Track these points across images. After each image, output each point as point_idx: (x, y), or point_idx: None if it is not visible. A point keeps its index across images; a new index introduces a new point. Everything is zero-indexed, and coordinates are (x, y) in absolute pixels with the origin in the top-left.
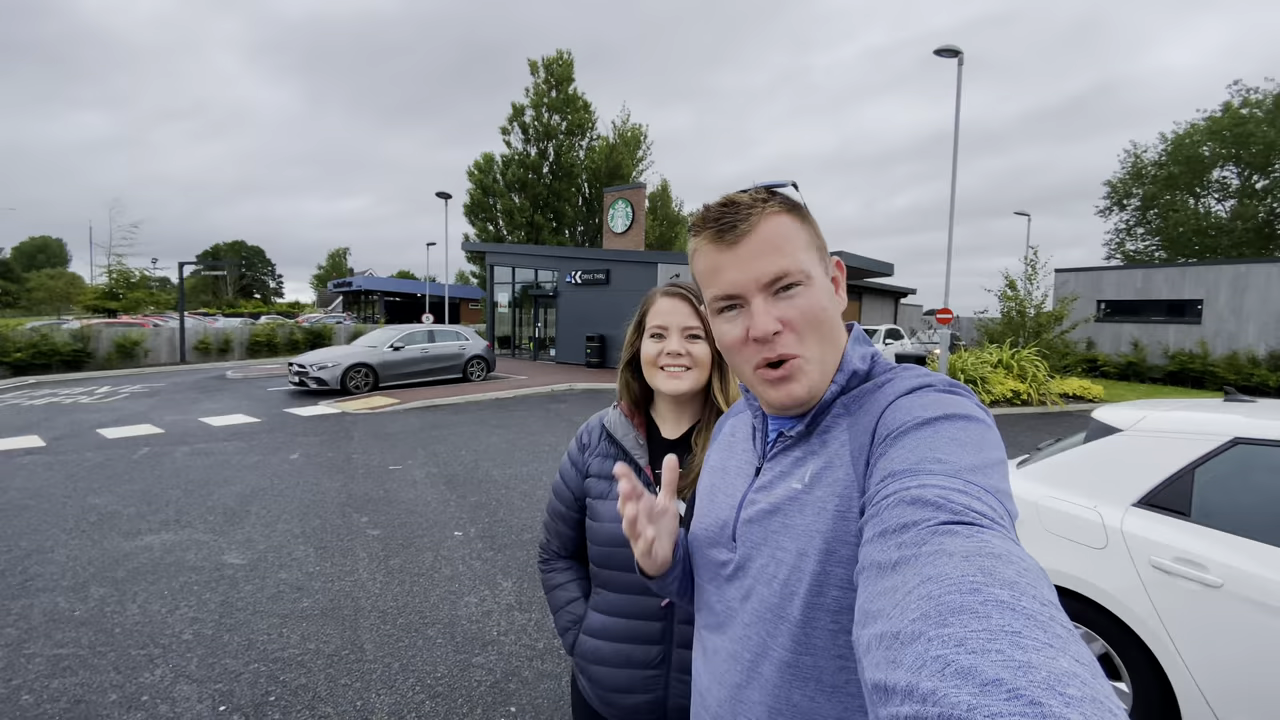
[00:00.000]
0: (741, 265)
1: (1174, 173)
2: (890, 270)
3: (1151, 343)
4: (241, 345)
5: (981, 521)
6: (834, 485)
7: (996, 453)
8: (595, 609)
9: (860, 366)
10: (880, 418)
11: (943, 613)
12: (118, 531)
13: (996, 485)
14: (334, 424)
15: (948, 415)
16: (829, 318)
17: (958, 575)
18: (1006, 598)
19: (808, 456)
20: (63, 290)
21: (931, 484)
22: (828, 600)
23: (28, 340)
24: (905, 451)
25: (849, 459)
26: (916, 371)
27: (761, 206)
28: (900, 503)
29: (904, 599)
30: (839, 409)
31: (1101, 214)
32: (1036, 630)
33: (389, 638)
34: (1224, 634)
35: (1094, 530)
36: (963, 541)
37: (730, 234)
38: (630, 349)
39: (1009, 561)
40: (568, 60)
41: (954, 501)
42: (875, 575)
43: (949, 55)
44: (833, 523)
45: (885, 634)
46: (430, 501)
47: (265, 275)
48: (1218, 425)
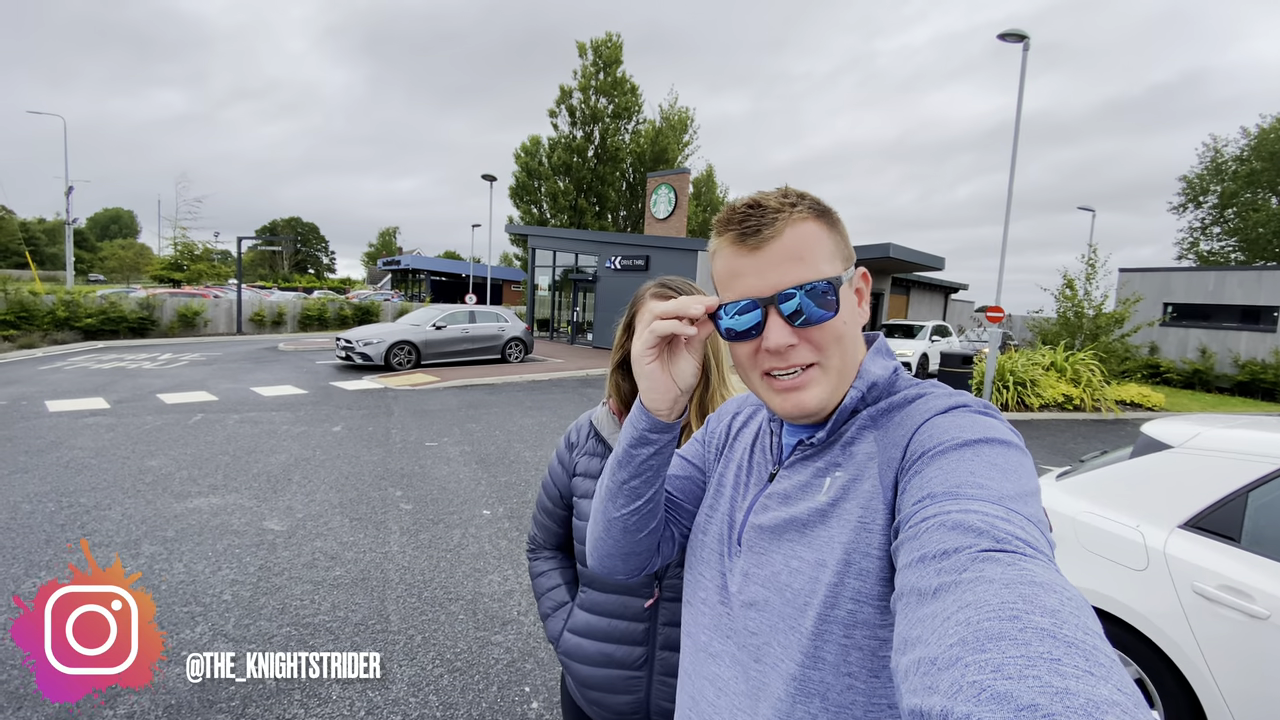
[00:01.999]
0: (761, 272)
1: (1256, 169)
2: (941, 264)
3: (1221, 350)
4: (294, 319)
5: (1025, 550)
6: (859, 497)
7: (1033, 482)
8: (581, 606)
9: (880, 376)
10: (914, 434)
11: (981, 639)
12: (170, 493)
13: (1037, 515)
14: (376, 399)
15: (986, 439)
16: (847, 332)
17: (998, 602)
18: (1047, 625)
19: (831, 468)
20: (132, 260)
21: (973, 509)
22: (841, 613)
23: (98, 307)
24: (943, 473)
25: (876, 472)
26: (947, 390)
27: (789, 211)
28: (941, 527)
29: (942, 625)
30: (864, 420)
31: (1175, 210)
32: (1077, 657)
33: (414, 610)
34: (1267, 668)
35: (1135, 551)
36: (1004, 569)
37: (753, 238)
38: (620, 350)
39: (1051, 590)
40: (617, 43)
41: (997, 529)
42: (915, 602)
43: (1015, 40)
44: (854, 534)
45: (923, 659)
46: (462, 479)
47: (319, 251)
48: (1276, 447)
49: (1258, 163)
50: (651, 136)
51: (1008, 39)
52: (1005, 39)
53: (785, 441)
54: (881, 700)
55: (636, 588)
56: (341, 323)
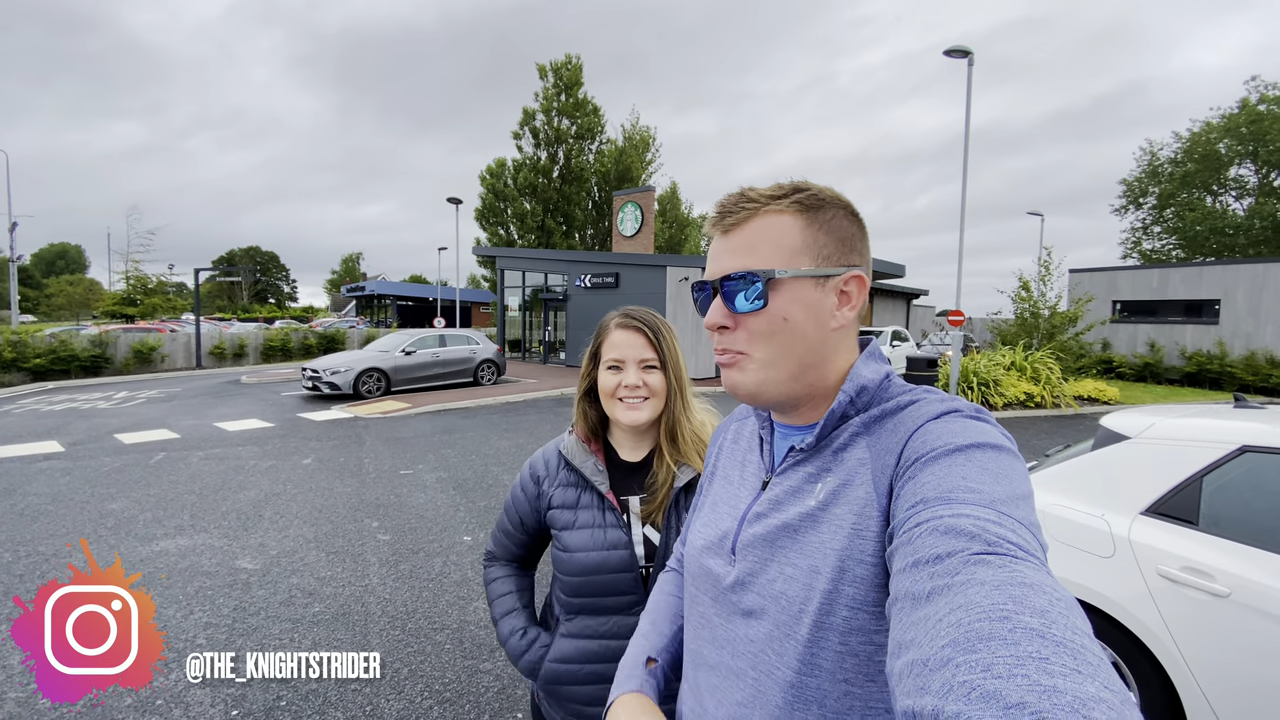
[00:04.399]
0: (718, 256)
1: (1190, 170)
2: (902, 272)
3: (1168, 343)
4: (256, 350)
5: (1016, 553)
6: (852, 503)
7: (1026, 485)
8: (568, 635)
9: (871, 380)
10: (908, 440)
11: (971, 639)
12: (134, 536)
13: (1029, 518)
14: (346, 428)
15: (978, 444)
16: (789, 330)
17: (988, 603)
18: (1036, 625)
19: (822, 473)
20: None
21: (966, 513)
22: (837, 620)
23: (47, 346)
24: (936, 478)
25: (870, 478)
26: (940, 395)
27: (767, 202)
28: (934, 531)
29: (934, 627)
30: (856, 427)
31: (1117, 213)
32: (1065, 656)
33: (398, 643)
34: (1231, 644)
35: (1101, 539)
36: (995, 571)
37: (721, 223)
38: (587, 379)
39: (1041, 591)
40: (576, 65)
41: (989, 532)
42: (909, 607)
43: (960, 56)
44: (848, 540)
45: (915, 661)
46: (440, 506)
47: (280, 280)
48: (1226, 433)
49: (1190, 164)
50: (615, 156)
51: (953, 55)
52: (951, 55)
53: (777, 449)
54: (879, 705)
55: (627, 607)
56: (306, 352)
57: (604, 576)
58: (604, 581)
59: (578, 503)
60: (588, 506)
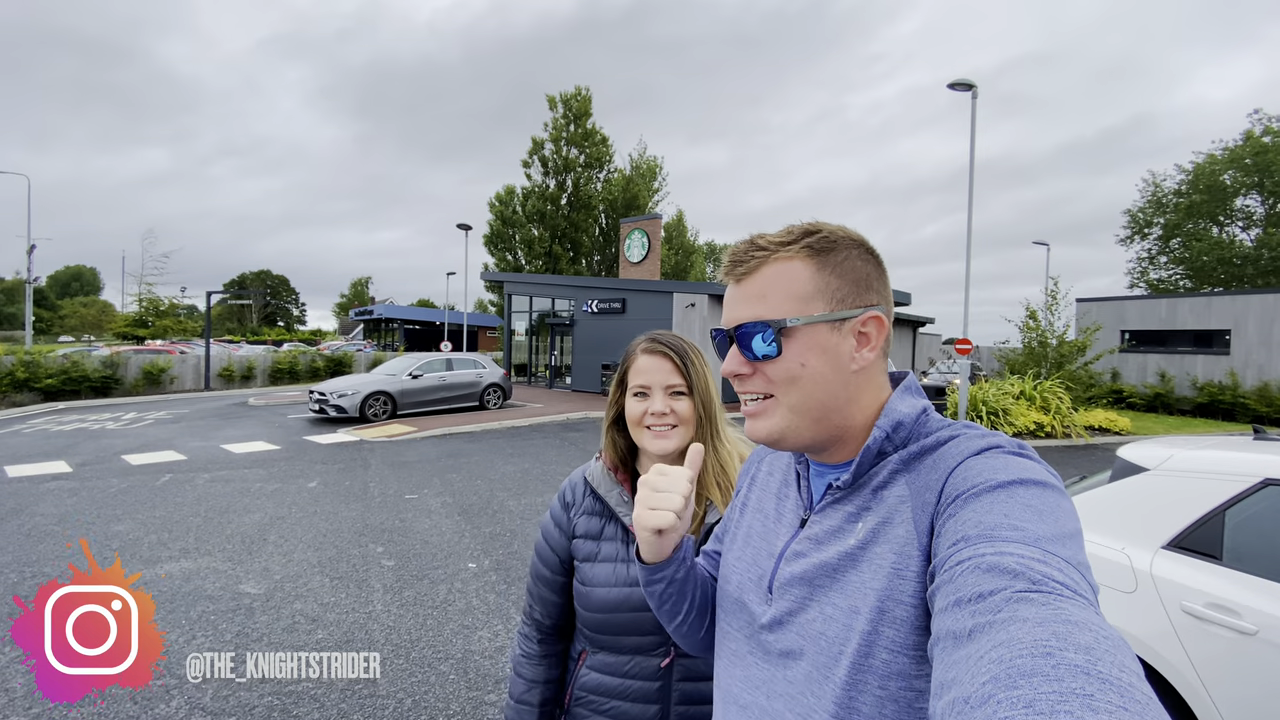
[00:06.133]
0: (733, 305)
1: (1195, 201)
2: (908, 300)
3: (1179, 374)
4: (264, 372)
5: (1062, 591)
6: (892, 542)
7: (1073, 523)
8: (591, 667)
9: (907, 415)
10: (949, 477)
11: (1013, 675)
12: (138, 559)
13: (1077, 557)
14: (352, 452)
15: (1021, 480)
16: (806, 375)
17: (1030, 640)
18: (1081, 661)
19: (862, 512)
20: (94, 318)
21: (1009, 551)
22: (876, 663)
23: (59, 367)
24: (979, 515)
25: (910, 516)
26: (980, 430)
27: (776, 250)
28: (976, 570)
29: (976, 664)
30: (895, 464)
31: (1123, 243)
32: (1111, 694)
33: (402, 672)
34: (1259, 683)
35: (1123, 573)
36: (1039, 609)
37: (733, 273)
38: (615, 407)
39: (1086, 628)
40: (586, 96)
41: (1033, 570)
42: (951, 646)
43: (964, 89)
44: (888, 580)
45: (956, 699)
46: (445, 532)
47: (289, 303)
48: (1247, 465)
49: (1196, 195)
50: (623, 184)
51: (957, 88)
52: (955, 88)
53: (815, 485)
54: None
55: (650, 648)
56: (314, 375)
57: (625, 615)
58: (625, 620)
59: (601, 533)
60: (611, 539)
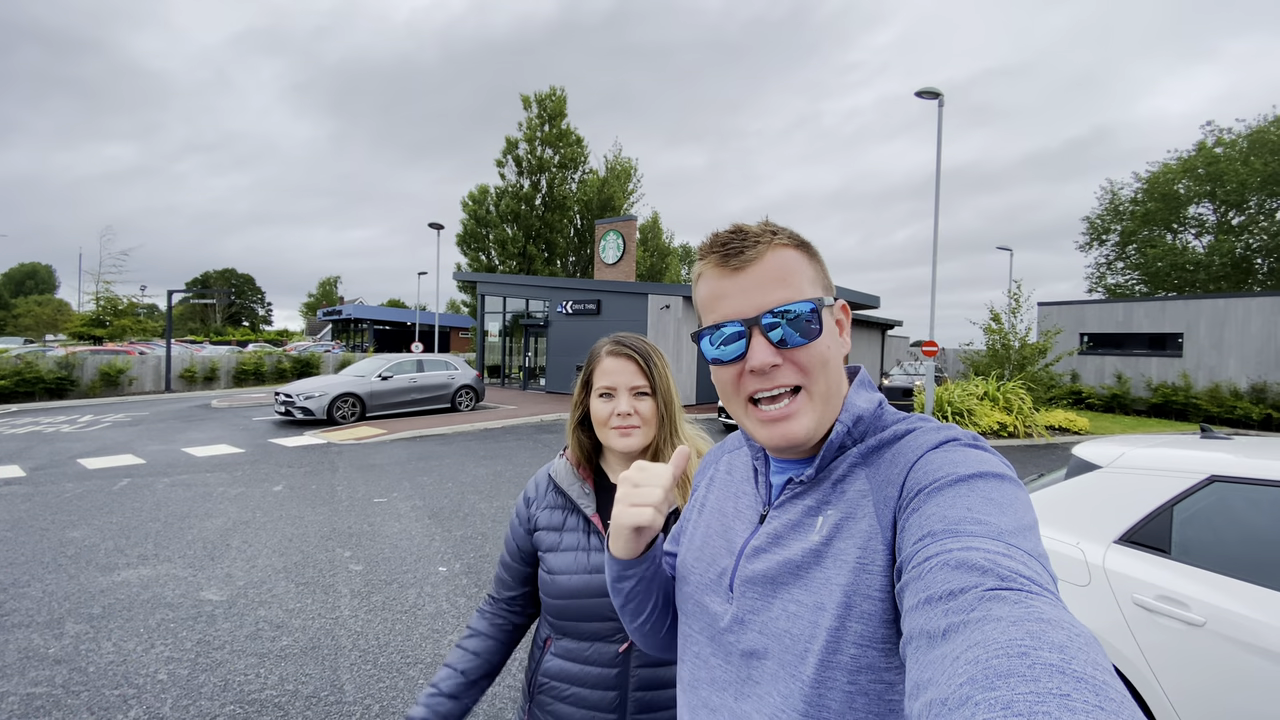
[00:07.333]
0: (745, 293)
1: (1150, 209)
2: (877, 303)
3: (1135, 375)
4: (228, 374)
5: (1030, 588)
6: (856, 537)
7: (1031, 514)
8: (555, 654)
9: (866, 410)
10: (909, 471)
11: (990, 676)
12: (95, 566)
13: (1037, 549)
14: (319, 455)
15: (981, 474)
16: (832, 358)
17: (1005, 640)
18: (1056, 660)
19: (822, 506)
20: (50, 317)
21: (975, 546)
22: (844, 658)
23: (12, 368)
24: (942, 510)
25: (872, 510)
26: (935, 424)
27: (770, 237)
28: (944, 566)
29: (951, 665)
30: (854, 458)
31: (1082, 249)
32: (1086, 692)
33: (370, 678)
34: (1208, 674)
35: (1077, 567)
36: (1011, 608)
37: (736, 259)
38: (579, 408)
39: (1059, 626)
40: (560, 96)
41: (1001, 566)
42: (925, 645)
43: (930, 97)
44: (853, 575)
45: (934, 701)
46: (415, 535)
47: (254, 303)
48: (1194, 462)
49: (1151, 204)
50: (597, 185)
51: (925, 96)
52: (923, 96)
53: (774, 481)
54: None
55: (608, 634)
56: (280, 376)
57: (586, 601)
58: (586, 606)
59: (563, 525)
60: (573, 529)
